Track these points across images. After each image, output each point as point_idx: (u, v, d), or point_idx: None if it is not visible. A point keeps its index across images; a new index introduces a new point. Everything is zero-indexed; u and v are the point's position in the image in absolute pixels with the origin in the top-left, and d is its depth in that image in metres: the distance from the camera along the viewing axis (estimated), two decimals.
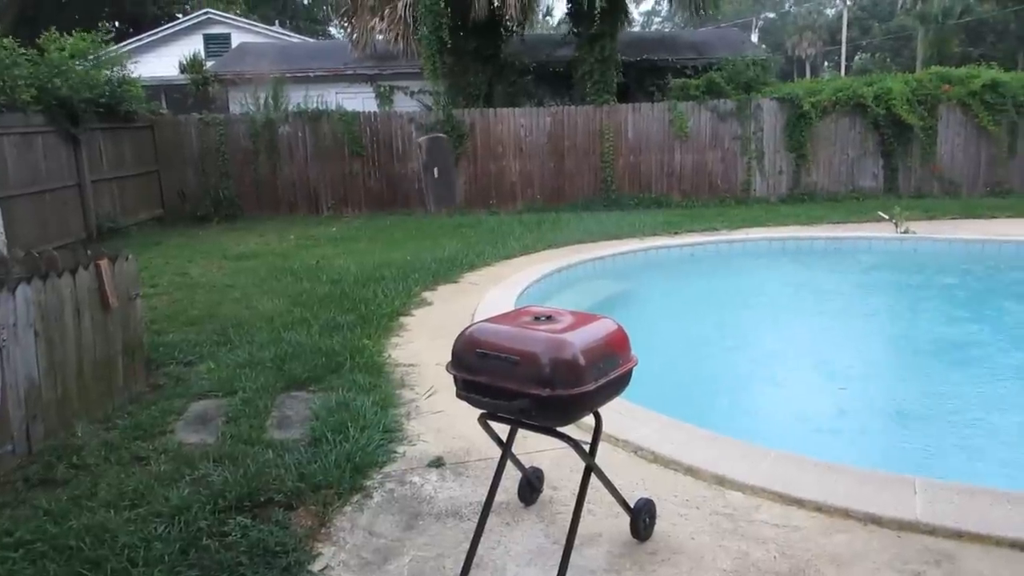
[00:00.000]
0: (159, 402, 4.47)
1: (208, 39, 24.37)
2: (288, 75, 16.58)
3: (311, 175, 13.97)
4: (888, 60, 46.88)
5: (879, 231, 10.37)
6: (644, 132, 14.07)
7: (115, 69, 12.12)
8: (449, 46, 14.01)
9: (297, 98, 14.47)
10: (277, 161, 13.87)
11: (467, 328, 2.70)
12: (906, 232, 10.15)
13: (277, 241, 10.96)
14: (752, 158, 14.13)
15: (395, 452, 3.78)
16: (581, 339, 2.50)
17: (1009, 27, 32.02)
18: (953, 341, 6.74)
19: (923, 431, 4.77)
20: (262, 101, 14.26)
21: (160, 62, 22.00)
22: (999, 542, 2.82)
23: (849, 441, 4.64)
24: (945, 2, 39.15)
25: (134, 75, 12.77)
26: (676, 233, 10.69)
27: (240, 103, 15.25)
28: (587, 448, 2.68)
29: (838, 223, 11.39)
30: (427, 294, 7.32)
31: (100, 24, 11.90)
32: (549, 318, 2.64)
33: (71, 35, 11.51)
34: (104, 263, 4.41)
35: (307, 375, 4.81)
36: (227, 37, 24.38)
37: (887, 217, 10.71)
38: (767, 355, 6.42)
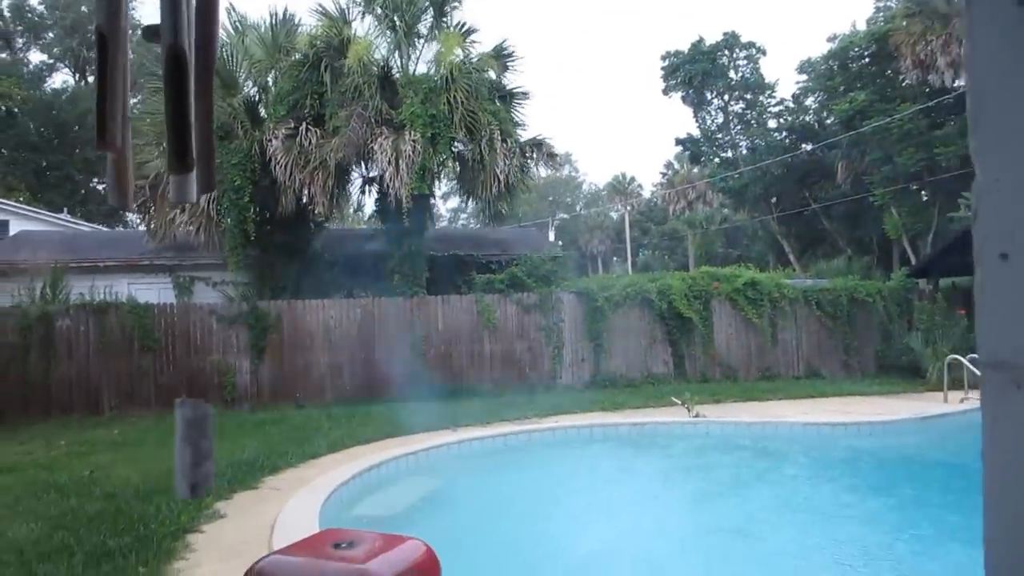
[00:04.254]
0: None
1: None
2: (74, 265, 15.50)
3: (92, 372, 12.67)
4: (666, 257, 52.98)
5: (674, 416, 11.08)
6: (454, 323, 14.44)
7: None
8: (254, 239, 13.90)
9: (83, 289, 13.41)
10: (52, 358, 12.49)
11: (256, 563, 2.38)
12: (697, 416, 10.93)
13: (43, 450, 9.57)
14: (556, 347, 14.87)
15: None
16: (385, 568, 2.28)
17: (758, 232, 37.77)
18: (752, 523, 7.10)
19: None
20: (39, 292, 13.03)
21: None
22: None
23: None
24: (707, 211, 45.74)
25: None
26: (488, 423, 10.72)
27: (12, 295, 13.85)
28: None
29: (638, 408, 12.05)
30: (221, 504, 6.60)
31: None
32: (351, 544, 2.40)
33: None
34: None
35: None
36: (4, 224, 22.64)
37: (679, 402, 11.53)
38: (586, 548, 6.34)
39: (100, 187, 41.88)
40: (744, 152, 32.65)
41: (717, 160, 34.34)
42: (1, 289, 15.44)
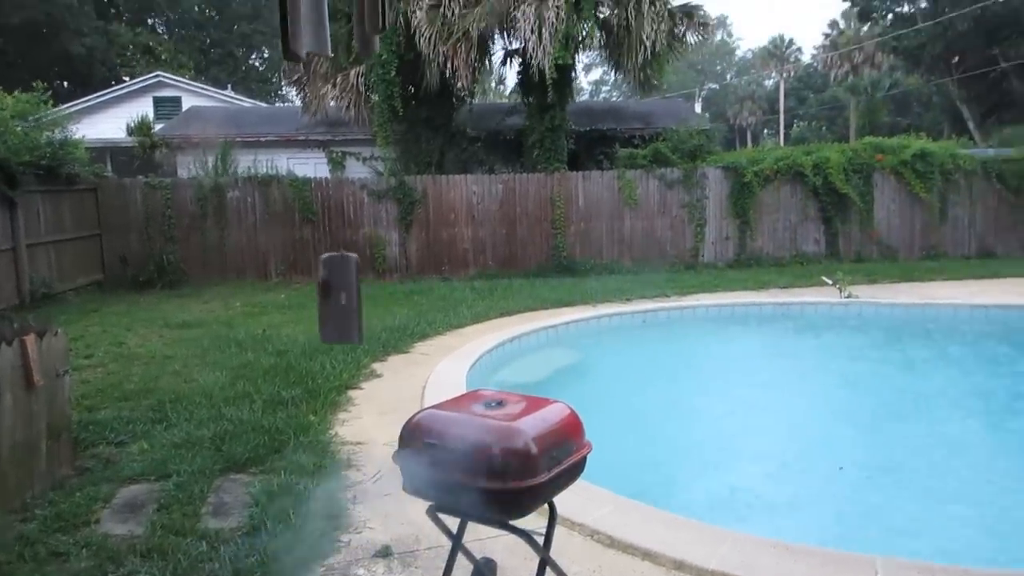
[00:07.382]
0: (85, 488, 4.18)
1: (158, 102, 24.18)
2: (239, 139, 16.47)
3: (260, 241, 13.74)
4: (824, 129, 49.03)
5: (824, 296, 10.61)
6: (594, 199, 14.29)
7: (56, 131, 11.83)
8: (401, 114, 14.14)
9: (247, 162, 14.33)
10: (225, 226, 13.62)
11: (414, 416, 2.58)
12: (849, 297, 10.40)
13: (222, 309, 10.66)
14: (699, 225, 14.44)
15: (339, 541, 3.58)
16: (533, 427, 2.40)
17: (933, 99, 33.94)
18: (901, 409, 6.83)
19: (880, 505, 4.74)
20: (211, 165, 14.06)
21: (109, 124, 21.68)
22: None
23: (807, 519, 4.57)
24: (874, 75, 41.48)
25: (77, 136, 12.48)
26: (628, 300, 10.74)
27: (188, 167, 15.03)
28: (540, 540, 2.56)
29: (784, 288, 11.63)
30: (377, 365, 7.14)
31: (36, 84, 11.60)
32: (500, 403, 2.54)
33: (14, 96, 11.25)
34: (30, 339, 4.16)
35: (248, 456, 4.58)
36: (177, 100, 24.25)
37: (830, 282, 10.98)
38: (721, 428, 6.37)
39: (258, 63, 43.72)
40: (924, 5, 28.93)
41: (891, 16, 30.71)
42: (178, 162, 16.85)
